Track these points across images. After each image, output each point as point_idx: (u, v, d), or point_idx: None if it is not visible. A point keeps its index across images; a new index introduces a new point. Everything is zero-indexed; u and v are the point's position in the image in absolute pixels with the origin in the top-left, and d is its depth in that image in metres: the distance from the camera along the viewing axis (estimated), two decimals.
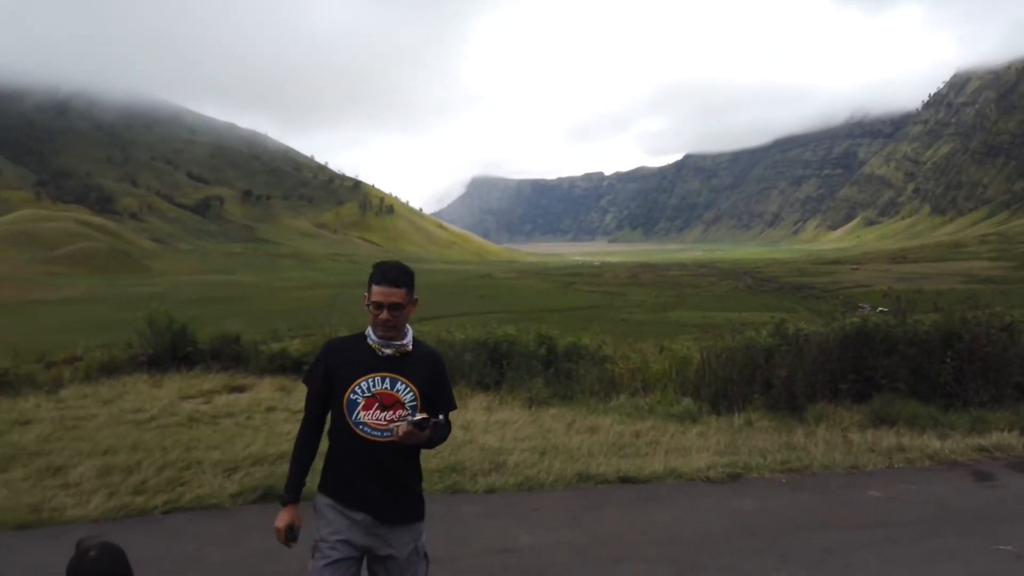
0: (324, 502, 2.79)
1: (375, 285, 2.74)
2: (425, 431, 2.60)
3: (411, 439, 2.62)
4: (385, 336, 2.75)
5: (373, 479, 2.72)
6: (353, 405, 2.73)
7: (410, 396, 2.74)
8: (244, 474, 5.98)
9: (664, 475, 6.33)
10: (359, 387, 2.74)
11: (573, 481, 6.08)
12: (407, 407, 2.74)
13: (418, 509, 2.87)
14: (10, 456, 6.67)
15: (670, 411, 9.95)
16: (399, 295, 2.74)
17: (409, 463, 2.82)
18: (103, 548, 2.16)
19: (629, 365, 13.05)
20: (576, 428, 8.70)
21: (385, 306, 2.72)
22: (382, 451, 2.71)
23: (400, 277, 2.77)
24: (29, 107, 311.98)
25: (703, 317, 59.21)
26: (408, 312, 2.78)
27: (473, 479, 6.10)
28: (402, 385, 2.75)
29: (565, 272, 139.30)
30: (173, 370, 14.32)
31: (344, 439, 2.78)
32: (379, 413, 2.72)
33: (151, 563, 4.22)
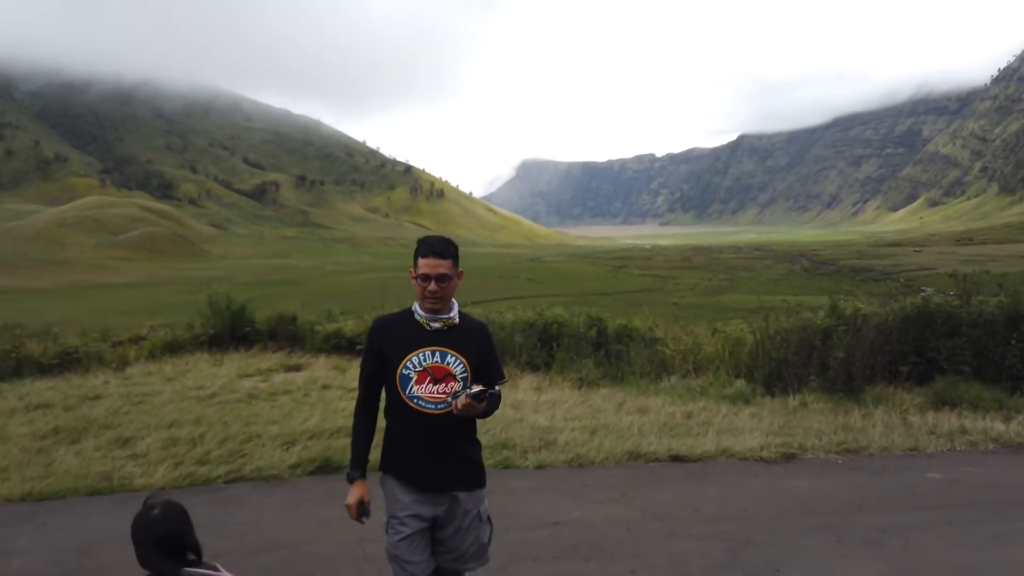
0: (388, 480, 2.88)
1: (421, 258, 2.79)
2: (482, 402, 2.65)
3: (469, 411, 2.67)
4: (432, 308, 2.79)
5: (432, 451, 2.78)
6: (406, 380, 2.78)
7: (460, 368, 2.79)
8: (302, 447, 6.15)
9: (716, 454, 6.28)
10: (410, 362, 2.79)
11: (623, 459, 6.08)
12: (458, 379, 2.79)
13: (479, 477, 2.91)
14: (81, 428, 6.99)
15: (722, 392, 9.84)
16: (445, 266, 2.77)
17: (466, 433, 2.87)
18: (167, 506, 2.24)
19: (680, 346, 12.95)
20: (626, 408, 8.67)
21: (432, 277, 2.75)
22: (438, 423, 2.76)
23: (446, 249, 2.82)
24: (94, 97, 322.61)
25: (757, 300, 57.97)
26: (454, 284, 2.82)
27: (523, 455, 6.16)
28: (452, 357, 2.79)
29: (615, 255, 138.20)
30: (232, 349, 14.78)
31: (400, 415, 2.84)
32: (432, 386, 2.77)
33: (214, 528, 4.40)
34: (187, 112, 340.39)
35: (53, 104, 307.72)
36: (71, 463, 5.73)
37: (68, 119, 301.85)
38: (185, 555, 2.19)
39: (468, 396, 2.64)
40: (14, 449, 6.20)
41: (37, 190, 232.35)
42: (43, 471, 5.49)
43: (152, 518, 2.19)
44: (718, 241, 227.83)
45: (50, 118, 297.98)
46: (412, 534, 2.77)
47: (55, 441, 6.53)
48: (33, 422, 7.34)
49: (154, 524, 2.18)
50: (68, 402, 8.78)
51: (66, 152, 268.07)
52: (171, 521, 2.19)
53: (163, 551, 2.16)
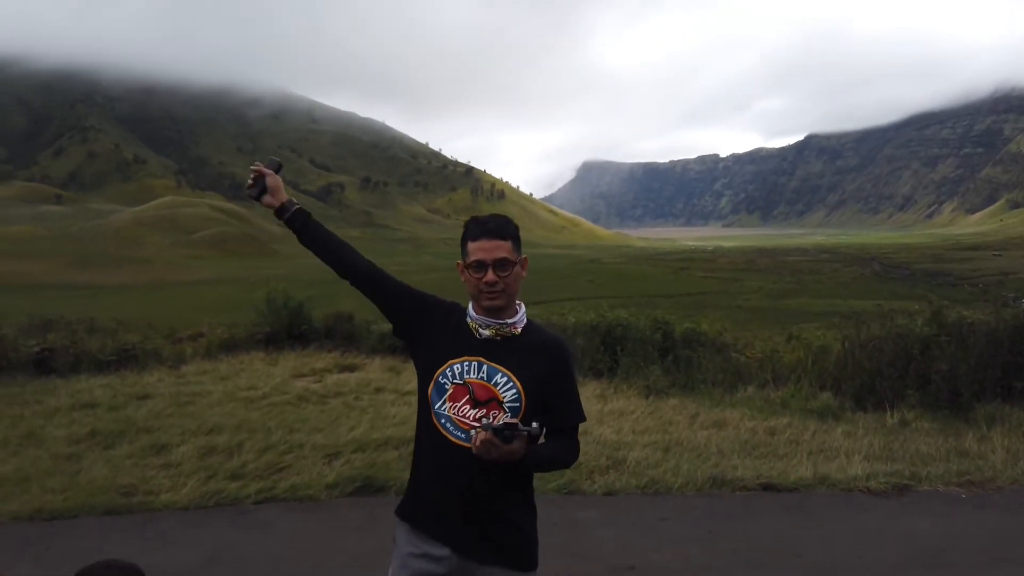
0: (404, 530, 2.12)
1: (472, 241, 2.06)
2: (512, 443, 1.84)
3: (491, 453, 1.85)
4: (492, 306, 2.04)
5: (456, 499, 2.03)
6: (440, 391, 2.05)
7: (511, 394, 2.00)
8: (344, 461, 5.61)
9: (813, 482, 5.46)
10: (451, 369, 2.05)
11: (705, 485, 5.32)
12: (506, 408, 2.00)
13: (523, 553, 2.11)
14: (119, 431, 6.61)
15: (807, 406, 8.98)
16: (504, 248, 2.03)
17: (507, 485, 2.04)
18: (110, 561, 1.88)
19: (756, 354, 12.04)
20: (701, 422, 7.90)
21: (489, 264, 2.01)
22: (468, 461, 1.96)
23: (503, 227, 2.07)
24: (171, 101, 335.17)
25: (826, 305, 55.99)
26: (518, 274, 2.07)
27: (590, 477, 5.46)
28: (502, 377, 2.01)
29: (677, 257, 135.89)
30: (288, 348, 14.53)
31: (425, 438, 2.10)
32: (468, 409, 2.01)
33: (234, 560, 3.85)
34: (258, 115, 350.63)
35: (133, 108, 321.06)
36: (98, 473, 5.30)
37: (147, 123, 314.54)
38: None
39: (489, 430, 1.85)
40: (44, 455, 5.84)
41: (117, 190, 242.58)
42: (66, 482, 5.08)
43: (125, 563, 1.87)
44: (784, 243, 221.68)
45: (130, 122, 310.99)
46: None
47: (89, 446, 6.16)
48: (72, 423, 7.02)
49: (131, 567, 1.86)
50: (115, 401, 8.50)
51: (144, 154, 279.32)
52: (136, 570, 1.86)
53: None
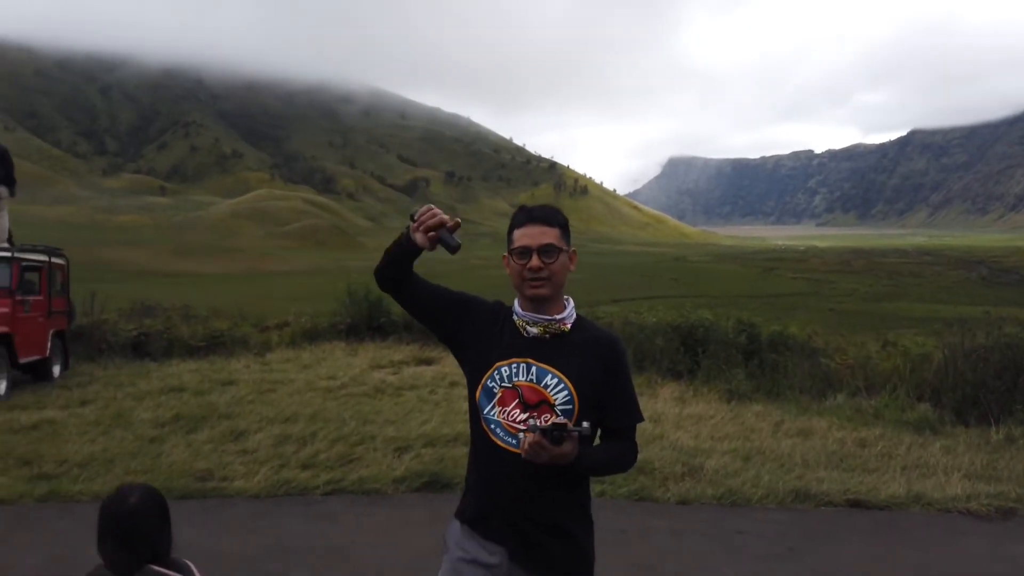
0: (455, 533, 2.03)
1: (518, 228, 1.97)
2: (562, 445, 1.75)
3: (540, 456, 1.76)
4: (536, 295, 1.93)
5: (508, 506, 1.92)
6: (488, 396, 1.95)
7: (563, 395, 1.90)
8: (414, 455, 5.59)
9: (907, 501, 5.07)
10: (498, 372, 1.94)
11: (787, 499, 5.02)
12: (558, 411, 1.90)
13: (577, 565, 1.97)
14: (202, 416, 6.82)
15: (902, 417, 8.44)
16: (552, 235, 1.93)
17: (561, 492, 1.93)
18: (145, 497, 1.92)
19: (847, 360, 11.46)
20: (785, 430, 7.53)
21: (534, 249, 1.91)
22: (526, 471, 1.86)
23: (552, 215, 1.98)
24: (268, 97, 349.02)
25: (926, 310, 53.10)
26: (565, 264, 1.96)
27: (663, 484, 5.24)
28: (553, 379, 1.91)
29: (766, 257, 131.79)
30: (368, 339, 14.80)
31: (477, 444, 2.02)
32: (519, 414, 1.90)
33: (297, 551, 3.86)
34: (349, 112, 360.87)
35: (233, 104, 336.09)
36: (178, 456, 5.47)
37: (245, 118, 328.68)
38: (149, 552, 1.88)
39: (537, 431, 1.75)
40: (130, 436, 6.07)
41: (216, 183, 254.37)
42: (148, 464, 5.25)
43: (127, 508, 1.87)
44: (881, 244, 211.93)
45: (229, 117, 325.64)
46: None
47: (173, 429, 6.37)
48: (159, 407, 7.29)
49: (126, 515, 1.86)
50: (201, 386, 8.81)
51: (242, 149, 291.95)
52: (144, 515, 1.88)
53: (126, 544, 1.85)
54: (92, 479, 4.85)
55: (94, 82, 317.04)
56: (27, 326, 9.07)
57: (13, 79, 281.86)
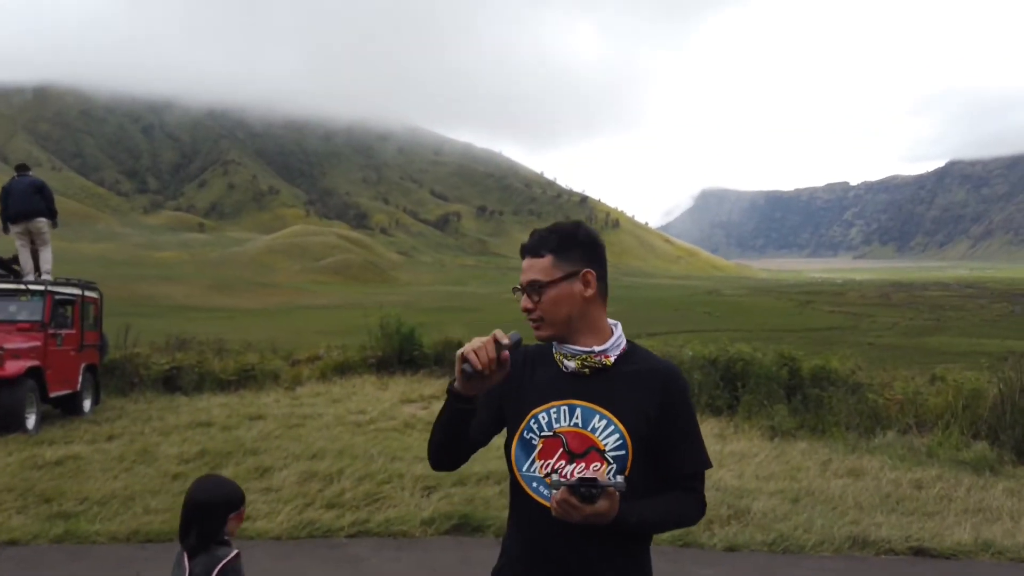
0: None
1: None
2: (595, 503, 1.49)
3: (571, 515, 1.51)
4: (538, 337, 1.73)
5: (551, 571, 1.65)
6: (526, 449, 1.68)
7: (614, 439, 1.62)
8: (442, 496, 5.35)
9: (974, 549, 4.69)
10: (535, 420, 1.68)
11: (844, 546, 4.67)
12: (608, 457, 1.63)
13: None
14: (227, 452, 6.68)
15: (958, 456, 8.00)
16: (538, 267, 1.69)
17: (617, 557, 1.65)
18: (224, 482, 2.34)
19: (896, 395, 10.97)
20: (834, 470, 7.16)
21: (522, 288, 1.71)
22: (572, 533, 1.59)
23: (543, 240, 1.71)
24: (303, 136, 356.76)
25: (971, 344, 51.46)
26: (564, 297, 1.68)
27: (708, 529, 4.92)
28: (601, 420, 1.63)
29: (802, 290, 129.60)
30: (399, 373, 14.66)
31: (517, 507, 1.73)
32: (565, 465, 1.64)
33: None
34: (384, 148, 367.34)
35: (270, 143, 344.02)
36: None
37: (281, 155, 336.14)
38: (207, 537, 2.20)
39: (566, 488, 1.50)
40: (154, 473, 5.93)
41: (253, 219, 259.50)
42: (168, 502, 5.08)
43: (191, 499, 2.23)
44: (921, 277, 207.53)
45: (266, 155, 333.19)
46: None
47: (197, 465, 6.23)
48: (185, 442, 7.17)
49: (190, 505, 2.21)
50: (229, 421, 8.70)
51: (278, 185, 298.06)
52: (206, 507, 2.20)
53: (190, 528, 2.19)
54: (110, 518, 4.69)
55: (138, 122, 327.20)
56: (58, 360, 9.06)
57: (61, 120, 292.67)
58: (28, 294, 9.10)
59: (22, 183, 9.82)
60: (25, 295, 9.10)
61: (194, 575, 2.16)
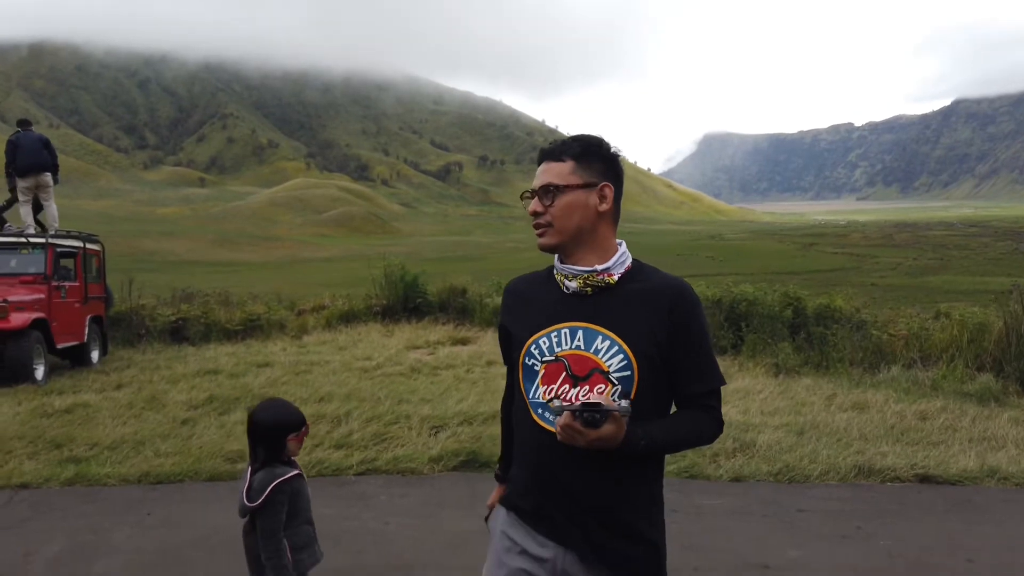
0: (501, 520, 1.72)
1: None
2: (600, 428, 1.44)
3: (576, 440, 1.46)
4: (541, 245, 1.64)
5: (562, 500, 1.60)
6: (530, 375, 1.63)
7: (619, 360, 1.55)
8: (449, 434, 5.38)
9: (980, 475, 4.71)
10: (536, 345, 1.62)
11: (850, 475, 4.69)
12: (613, 379, 1.56)
13: (645, 568, 1.62)
14: (235, 398, 6.71)
15: (962, 389, 8.02)
16: (555, 171, 1.61)
17: (626, 483, 1.59)
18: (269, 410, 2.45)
19: (901, 332, 10.97)
20: (838, 404, 7.19)
21: (535, 191, 1.63)
22: (577, 458, 1.54)
23: (565, 146, 1.64)
24: (302, 88, 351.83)
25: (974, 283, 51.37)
26: (576, 206, 1.61)
27: (714, 461, 4.95)
28: (604, 341, 1.56)
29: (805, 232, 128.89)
30: (404, 320, 14.71)
31: (522, 430, 1.69)
32: (569, 389, 1.57)
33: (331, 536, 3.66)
34: (383, 98, 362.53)
35: (268, 96, 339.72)
36: (209, 438, 5.33)
37: (279, 108, 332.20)
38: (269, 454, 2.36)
39: (570, 412, 1.45)
40: (162, 419, 5.97)
41: (253, 173, 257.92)
42: (178, 445, 5.13)
43: (253, 419, 2.39)
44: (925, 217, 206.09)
45: (264, 108, 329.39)
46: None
47: (205, 411, 6.27)
48: (193, 389, 7.21)
49: (252, 424, 2.38)
50: (237, 369, 8.74)
51: (277, 139, 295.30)
52: (264, 427, 2.36)
53: (254, 445, 2.37)
54: (120, 462, 4.73)
55: (134, 77, 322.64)
56: (63, 312, 9.07)
57: (56, 77, 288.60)
58: (29, 247, 9.07)
59: (30, 137, 9.84)
60: (26, 248, 9.07)
61: (252, 488, 2.33)
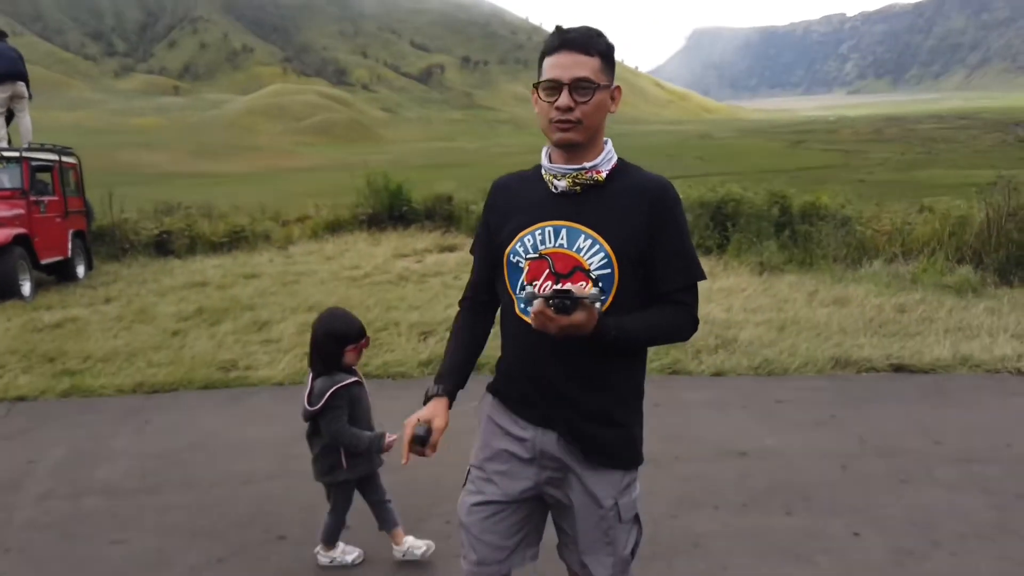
0: (487, 406, 1.81)
1: (549, 56, 1.59)
2: (573, 315, 1.46)
3: (548, 327, 1.48)
4: (564, 140, 1.60)
5: (548, 385, 1.67)
6: (515, 271, 1.67)
7: (599, 258, 1.59)
8: (438, 339, 5.49)
9: (953, 363, 4.88)
10: (521, 243, 1.65)
11: (827, 366, 4.85)
12: (593, 276, 1.60)
13: (621, 449, 1.72)
14: (224, 309, 6.76)
15: (942, 281, 8.17)
16: (589, 66, 1.56)
17: (607, 371, 1.65)
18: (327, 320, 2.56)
19: (884, 227, 11.06)
20: (820, 299, 7.32)
21: (565, 84, 1.55)
22: (559, 349, 1.60)
23: (591, 39, 1.59)
24: None
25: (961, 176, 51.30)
26: (602, 106, 1.60)
27: (696, 357, 5.09)
28: (586, 239, 1.60)
29: (794, 129, 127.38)
30: (391, 229, 14.67)
31: (508, 326, 1.76)
32: (551, 286, 1.60)
33: None
34: None
35: None
36: (201, 348, 5.41)
37: (251, 10, 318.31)
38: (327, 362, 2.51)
39: (542, 300, 1.47)
40: (153, 331, 6.03)
41: (229, 80, 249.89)
42: (171, 356, 5.20)
43: (314, 330, 2.53)
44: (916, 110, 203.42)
45: (236, 10, 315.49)
46: (492, 503, 1.73)
47: (195, 323, 6.32)
48: (182, 301, 7.25)
49: (313, 335, 2.52)
50: (225, 281, 8.76)
51: (251, 43, 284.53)
52: (322, 337, 2.50)
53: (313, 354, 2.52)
54: (115, 373, 4.81)
55: None
56: (45, 227, 8.98)
57: None
58: (3, 161, 8.88)
59: (5, 46, 9.55)
60: (0, 163, 8.88)
61: (312, 394, 2.48)
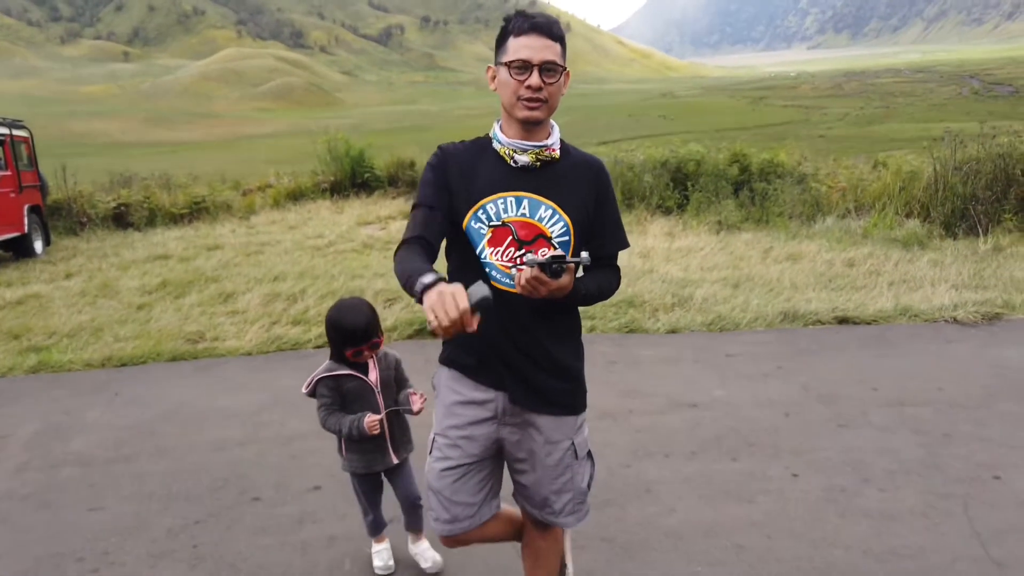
0: (445, 377, 1.95)
1: (516, 37, 1.73)
2: (560, 278, 1.66)
3: (537, 291, 1.66)
4: (530, 117, 1.75)
5: (507, 347, 1.84)
6: (476, 237, 1.79)
7: (559, 227, 1.79)
8: (403, 306, 5.59)
9: (894, 314, 5.13)
10: (484, 210, 1.77)
11: (776, 321, 5.07)
12: (555, 243, 1.79)
13: (573, 397, 1.94)
14: (189, 281, 6.77)
15: (890, 235, 8.47)
16: (555, 50, 1.73)
17: (559, 328, 1.89)
18: (338, 309, 2.41)
19: (840, 183, 11.35)
20: (774, 256, 7.56)
21: (535, 65, 1.70)
22: (519, 310, 1.79)
23: (555, 26, 1.77)
24: None
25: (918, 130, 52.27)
26: (560, 88, 1.78)
27: (653, 316, 5.28)
28: (547, 210, 1.78)
29: (755, 86, 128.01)
30: (354, 196, 14.61)
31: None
32: (514, 251, 1.78)
33: (297, 401, 3.90)
34: None
35: None
36: (167, 321, 5.45)
37: None
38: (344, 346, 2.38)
39: (534, 265, 1.62)
40: (118, 305, 6.03)
41: (180, 44, 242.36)
42: (137, 329, 5.24)
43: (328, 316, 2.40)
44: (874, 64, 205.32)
45: None
46: (460, 466, 1.91)
47: (160, 296, 6.33)
48: (145, 275, 7.23)
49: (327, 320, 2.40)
50: (187, 253, 8.72)
51: (203, 5, 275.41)
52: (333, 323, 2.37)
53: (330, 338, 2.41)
54: (82, 348, 4.84)
55: None
56: None
57: None
58: None
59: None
60: None
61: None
